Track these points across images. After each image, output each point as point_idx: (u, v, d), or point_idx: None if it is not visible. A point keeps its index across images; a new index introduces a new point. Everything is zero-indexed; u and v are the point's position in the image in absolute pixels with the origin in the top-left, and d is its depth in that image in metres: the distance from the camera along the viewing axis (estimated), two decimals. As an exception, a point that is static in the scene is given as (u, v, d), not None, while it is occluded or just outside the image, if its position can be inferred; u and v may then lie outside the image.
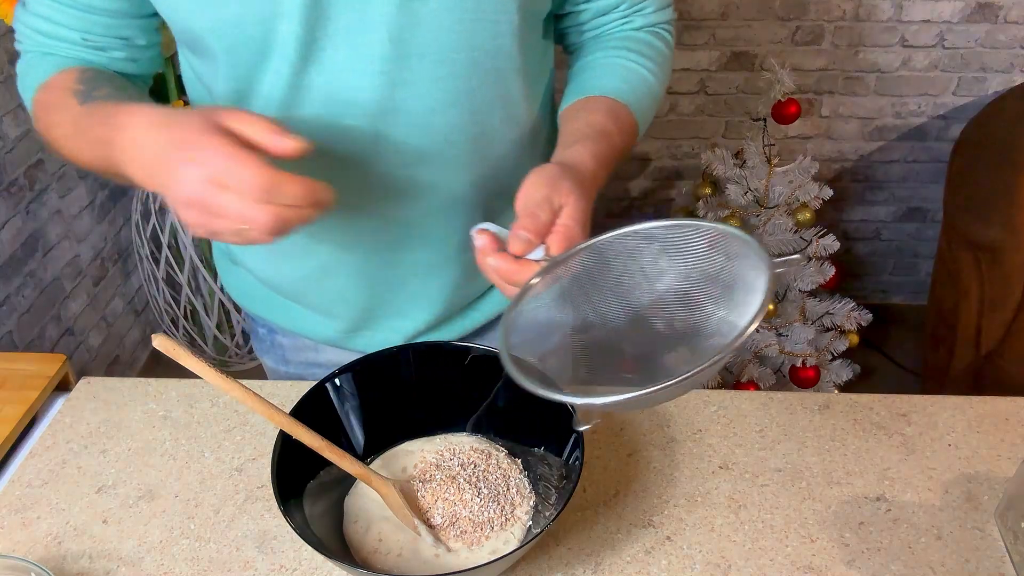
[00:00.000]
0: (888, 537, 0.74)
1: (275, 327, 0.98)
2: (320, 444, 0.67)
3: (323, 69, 0.70)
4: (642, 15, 0.84)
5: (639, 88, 0.80)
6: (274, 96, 0.72)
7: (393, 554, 0.68)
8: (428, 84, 0.72)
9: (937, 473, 0.80)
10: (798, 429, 0.85)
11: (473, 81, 0.74)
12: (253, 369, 2.39)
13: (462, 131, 0.76)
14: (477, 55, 0.72)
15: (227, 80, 0.73)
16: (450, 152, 0.76)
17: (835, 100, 2.22)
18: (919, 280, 2.50)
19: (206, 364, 0.63)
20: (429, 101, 0.73)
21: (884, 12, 2.08)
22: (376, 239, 0.82)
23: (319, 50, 0.69)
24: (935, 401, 0.88)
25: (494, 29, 0.72)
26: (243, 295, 0.97)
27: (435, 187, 0.78)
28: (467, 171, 0.79)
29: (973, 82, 2.17)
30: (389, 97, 0.72)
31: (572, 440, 0.69)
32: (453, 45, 0.71)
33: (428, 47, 0.70)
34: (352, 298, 0.87)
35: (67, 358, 0.94)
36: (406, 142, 0.74)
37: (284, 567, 0.72)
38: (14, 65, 0.82)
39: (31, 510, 0.78)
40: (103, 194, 2.08)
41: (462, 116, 0.75)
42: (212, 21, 0.69)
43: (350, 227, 0.80)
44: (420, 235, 0.82)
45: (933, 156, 2.29)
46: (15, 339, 1.74)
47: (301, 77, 0.70)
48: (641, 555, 0.72)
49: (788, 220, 1.93)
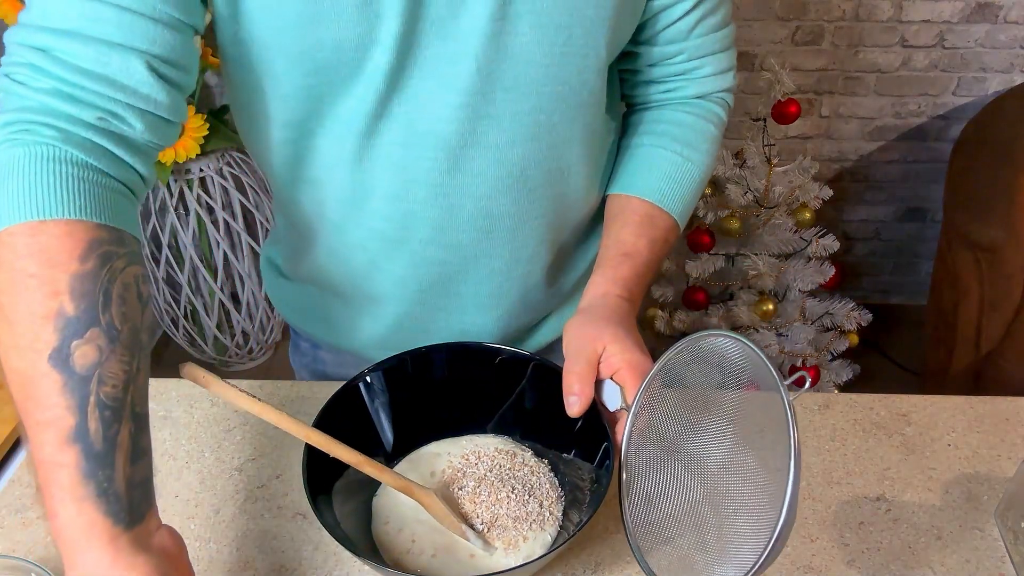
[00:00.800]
0: (888, 537, 0.74)
1: (320, 341, 0.96)
2: (359, 460, 0.66)
3: (407, 98, 0.69)
4: (694, 80, 0.82)
5: (681, 184, 0.81)
6: (354, 123, 0.70)
7: (427, 555, 0.68)
8: (510, 117, 0.71)
9: (937, 473, 0.80)
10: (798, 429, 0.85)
11: (555, 116, 0.73)
12: (253, 369, 2.39)
13: (539, 165, 0.75)
14: (562, 89, 0.72)
15: (300, 103, 0.69)
16: (524, 186, 0.76)
17: (835, 100, 2.22)
18: (919, 280, 2.50)
19: (237, 390, 0.61)
20: (509, 134, 0.72)
21: (884, 12, 2.08)
22: (440, 269, 0.80)
23: (406, 79, 0.67)
24: (935, 401, 0.88)
25: (581, 63, 0.71)
26: (290, 308, 0.96)
27: (505, 219, 0.77)
28: (539, 204, 0.78)
29: (973, 82, 2.17)
30: (471, 130, 0.70)
31: (603, 448, 0.69)
32: (540, 79, 0.70)
33: (515, 80, 0.69)
34: (407, 325, 0.85)
35: (67, 358, 0.94)
36: (482, 174, 0.73)
37: (284, 567, 0.72)
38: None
39: (31, 510, 0.78)
40: (103, 194, 2.07)
41: (540, 150, 0.74)
42: (310, 42, 0.64)
43: (414, 256, 0.79)
44: (484, 265, 0.81)
45: (933, 156, 2.29)
46: (15, 339, 1.74)
47: (384, 105, 0.69)
48: (641, 555, 0.72)
49: (788, 220, 1.93)
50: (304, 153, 0.73)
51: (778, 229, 1.93)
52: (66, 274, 0.53)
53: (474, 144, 0.71)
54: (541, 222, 0.79)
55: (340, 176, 0.74)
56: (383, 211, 0.75)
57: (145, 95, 0.60)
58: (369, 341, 0.88)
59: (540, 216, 0.79)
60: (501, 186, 0.74)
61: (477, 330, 0.86)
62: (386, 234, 0.77)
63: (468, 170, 0.73)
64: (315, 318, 0.93)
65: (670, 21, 0.77)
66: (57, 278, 0.53)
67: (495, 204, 0.75)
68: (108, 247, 0.56)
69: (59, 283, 0.53)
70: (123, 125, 0.60)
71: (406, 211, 0.75)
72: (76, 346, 0.52)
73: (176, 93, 0.63)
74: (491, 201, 0.75)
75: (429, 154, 0.71)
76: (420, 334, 0.84)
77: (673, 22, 0.77)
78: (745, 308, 1.99)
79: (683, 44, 0.79)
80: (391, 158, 0.72)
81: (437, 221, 0.76)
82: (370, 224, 0.76)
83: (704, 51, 0.80)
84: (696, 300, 2.04)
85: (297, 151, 0.74)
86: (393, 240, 0.77)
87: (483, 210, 0.76)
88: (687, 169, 0.81)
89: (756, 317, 1.98)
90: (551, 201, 0.79)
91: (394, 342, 0.82)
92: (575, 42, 0.69)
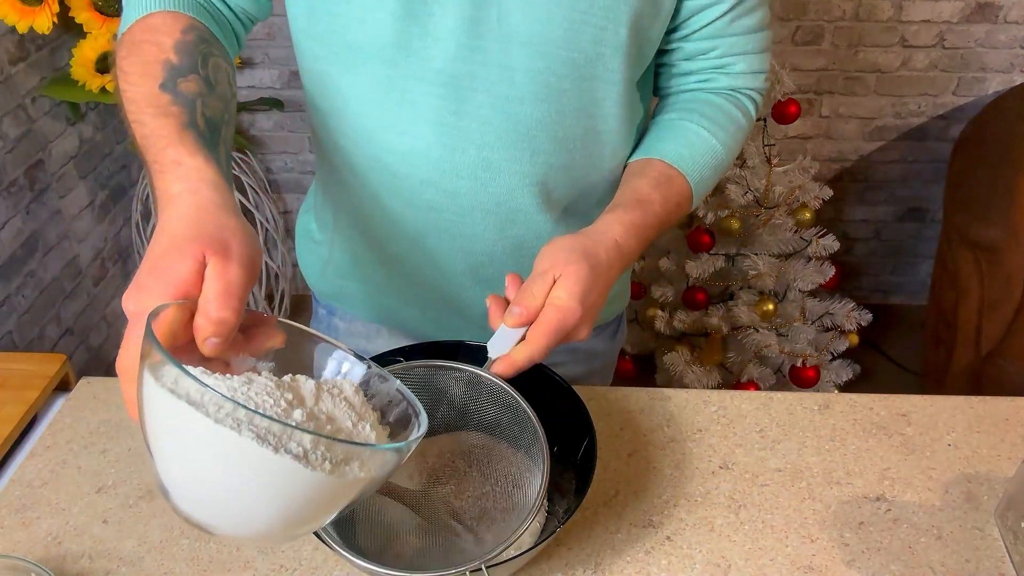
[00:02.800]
0: (888, 537, 0.74)
1: (336, 309, 1.00)
2: None
3: (425, 32, 0.72)
4: (728, 74, 0.83)
5: (703, 156, 0.81)
6: (374, 51, 0.73)
7: (418, 553, 0.68)
8: (523, 72, 0.73)
9: (937, 473, 0.80)
10: (798, 429, 0.85)
11: (567, 82, 0.75)
12: (253, 369, 2.38)
13: (545, 129, 0.77)
14: (577, 57, 0.74)
15: (328, 22, 0.74)
16: (528, 146, 0.77)
17: (835, 100, 2.22)
18: (919, 280, 2.51)
19: None
20: (520, 89, 0.74)
21: (884, 12, 2.08)
22: (436, 216, 0.82)
23: (425, 12, 0.71)
24: (935, 401, 0.88)
25: (598, 35, 0.73)
26: (315, 273, 0.99)
27: (504, 175, 0.79)
28: (540, 169, 0.79)
29: (973, 82, 2.17)
30: (483, 76, 0.73)
31: (586, 442, 0.69)
32: (557, 40, 0.72)
33: (531, 36, 0.72)
34: (405, 290, 0.90)
35: (67, 358, 0.94)
36: (488, 122, 0.76)
37: (284, 567, 0.72)
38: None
39: (31, 510, 0.78)
40: (103, 194, 2.08)
41: (549, 113, 0.76)
42: None
43: (413, 195, 0.81)
44: (480, 221, 0.82)
45: (933, 156, 2.29)
46: (15, 339, 1.74)
47: (402, 35, 0.72)
48: (641, 555, 0.72)
49: (788, 220, 1.93)
50: (329, 79, 0.78)
51: (778, 229, 1.93)
52: (170, 39, 0.67)
53: (484, 91, 0.74)
54: (540, 189, 0.80)
55: (357, 106, 0.77)
56: (390, 144, 0.78)
57: None
58: (374, 304, 0.94)
59: (539, 183, 0.80)
60: (505, 139, 0.76)
61: (465, 294, 0.88)
62: (390, 167, 0.79)
63: (474, 116, 0.75)
64: (331, 276, 0.96)
65: (706, 21, 0.78)
66: (163, 41, 0.67)
67: (496, 156, 0.77)
68: (203, 33, 0.70)
69: (165, 44, 0.67)
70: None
71: (410, 147, 0.77)
72: (180, 81, 0.64)
73: None
74: (493, 152, 0.77)
75: (438, 91, 0.74)
76: (417, 302, 0.90)
77: (709, 22, 0.78)
78: (745, 308, 1.99)
79: (718, 41, 0.80)
80: (404, 91, 0.75)
81: (437, 162, 0.78)
82: (378, 156, 0.79)
83: (738, 49, 0.81)
84: (696, 300, 2.03)
85: (325, 81, 0.78)
86: (395, 174, 0.80)
87: (483, 160, 0.77)
88: (711, 144, 0.81)
89: (756, 317, 1.98)
90: (553, 170, 0.80)
91: (391, 308, 0.90)
92: (596, 12, 0.72)
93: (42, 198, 1.82)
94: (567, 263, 0.66)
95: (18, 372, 0.92)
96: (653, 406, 0.88)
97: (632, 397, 0.89)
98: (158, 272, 0.51)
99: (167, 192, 0.57)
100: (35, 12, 1.56)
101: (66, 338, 1.94)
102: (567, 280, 0.66)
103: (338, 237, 0.92)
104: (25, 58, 1.70)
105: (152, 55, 0.66)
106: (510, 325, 0.65)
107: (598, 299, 0.68)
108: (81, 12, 1.68)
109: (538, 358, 0.65)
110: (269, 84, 2.26)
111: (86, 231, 2.01)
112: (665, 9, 0.76)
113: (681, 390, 0.89)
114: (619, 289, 1.01)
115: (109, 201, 2.11)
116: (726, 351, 2.09)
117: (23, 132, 1.73)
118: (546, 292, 0.66)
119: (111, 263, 2.14)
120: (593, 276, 0.67)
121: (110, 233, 2.12)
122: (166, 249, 0.52)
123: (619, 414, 0.87)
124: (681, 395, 0.89)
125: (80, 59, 1.70)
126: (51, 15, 1.58)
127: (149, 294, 0.51)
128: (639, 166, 0.81)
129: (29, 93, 1.72)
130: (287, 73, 2.24)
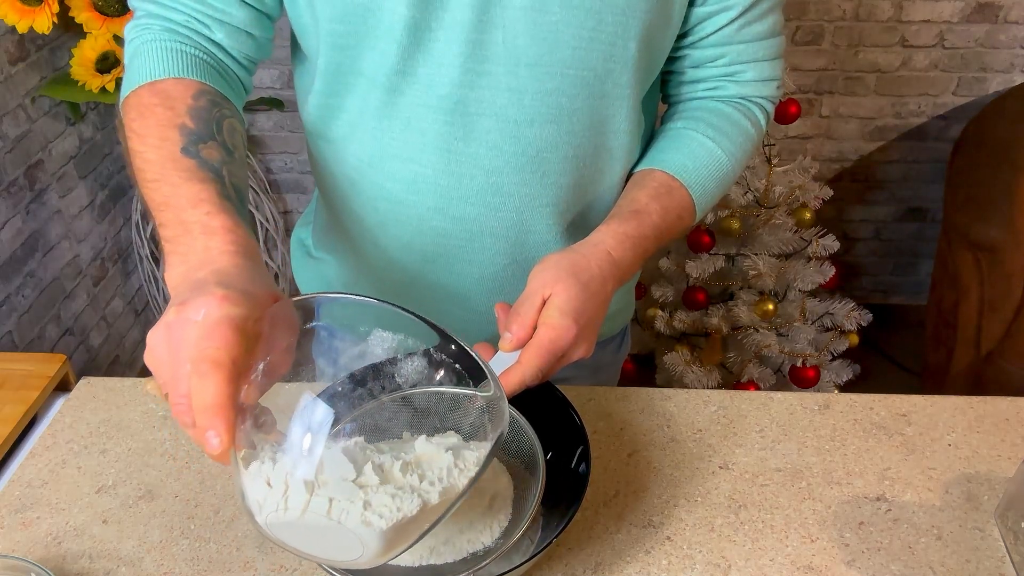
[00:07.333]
0: (888, 537, 0.74)
1: None
2: None
3: (429, 59, 0.70)
4: (737, 82, 0.82)
5: (706, 167, 0.79)
6: (377, 78, 0.72)
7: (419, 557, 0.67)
8: (532, 95, 0.72)
9: (937, 473, 0.80)
10: (798, 429, 0.85)
11: (577, 101, 0.74)
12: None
13: (555, 149, 0.75)
14: (587, 75, 0.72)
15: (332, 52, 0.73)
16: (538, 168, 0.76)
17: (835, 100, 2.22)
18: (919, 280, 2.51)
19: None
20: (529, 111, 0.73)
21: (884, 12, 2.08)
22: (444, 241, 0.81)
23: (429, 39, 0.70)
24: (935, 401, 0.88)
25: (608, 51, 0.72)
26: (312, 289, 0.98)
27: (513, 199, 0.78)
28: (550, 191, 0.78)
29: (973, 82, 2.18)
30: (490, 100, 0.72)
31: (579, 451, 0.68)
32: (566, 60, 0.71)
33: (540, 58, 0.70)
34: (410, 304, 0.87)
35: (67, 358, 0.94)
36: (496, 147, 0.74)
37: (284, 567, 0.72)
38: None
39: (31, 510, 0.78)
40: (103, 194, 2.08)
41: (558, 134, 0.75)
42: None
43: (420, 223, 0.80)
44: (489, 246, 0.81)
45: (933, 156, 2.29)
46: (15, 339, 1.74)
47: (406, 62, 0.71)
48: (641, 555, 0.72)
49: (788, 220, 1.93)
50: (333, 110, 0.77)
51: (778, 229, 1.93)
52: (183, 104, 0.66)
53: (491, 115, 0.72)
54: (551, 211, 0.79)
55: (361, 134, 0.76)
56: (395, 172, 0.77)
57: (221, 8, 0.72)
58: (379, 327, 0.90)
59: (550, 204, 0.79)
60: (514, 163, 0.75)
61: (478, 318, 0.86)
62: (395, 195, 0.78)
63: (482, 141, 0.74)
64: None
65: (714, 28, 0.77)
66: (177, 107, 0.66)
67: (505, 180, 0.76)
68: (214, 96, 0.69)
69: (178, 109, 0.65)
70: (206, 30, 0.72)
71: (416, 174, 0.76)
72: (201, 147, 0.63)
73: (252, 9, 0.73)
74: (502, 177, 0.76)
75: (445, 118, 0.73)
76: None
77: (717, 29, 0.77)
78: (745, 308, 1.99)
79: (726, 48, 0.79)
80: (410, 119, 0.73)
81: (445, 189, 0.76)
82: (383, 184, 0.78)
83: (747, 57, 0.80)
84: (696, 300, 2.04)
85: (328, 106, 0.77)
86: (401, 202, 0.78)
87: (492, 185, 0.76)
88: (715, 155, 0.79)
89: (756, 317, 1.98)
90: (563, 190, 0.79)
91: None
92: (604, 28, 0.70)
93: (42, 198, 1.82)
94: (556, 281, 0.65)
95: (18, 372, 0.92)
96: (653, 406, 0.88)
97: (632, 397, 0.89)
98: (177, 322, 0.50)
99: (208, 249, 0.56)
100: (35, 12, 1.56)
101: (66, 338, 1.94)
102: (557, 299, 0.65)
103: (340, 259, 0.91)
104: (25, 58, 1.71)
105: (167, 118, 0.65)
106: (504, 350, 0.65)
107: (595, 314, 0.67)
108: (81, 12, 1.68)
109: (531, 380, 0.63)
110: (269, 84, 2.26)
111: (86, 231, 2.01)
112: (675, 18, 0.74)
113: (681, 390, 0.89)
114: (622, 304, 0.99)
115: (109, 201, 2.11)
116: (726, 351, 2.09)
117: (23, 132, 1.73)
118: (536, 312, 0.65)
119: (111, 263, 2.14)
120: (585, 292, 0.66)
121: (110, 233, 2.12)
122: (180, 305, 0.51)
123: (619, 414, 0.87)
124: (681, 395, 0.89)
125: (80, 59, 1.70)
126: (51, 15, 1.58)
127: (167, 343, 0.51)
128: (640, 177, 0.80)
129: (29, 93, 1.72)
130: (287, 73, 2.24)
